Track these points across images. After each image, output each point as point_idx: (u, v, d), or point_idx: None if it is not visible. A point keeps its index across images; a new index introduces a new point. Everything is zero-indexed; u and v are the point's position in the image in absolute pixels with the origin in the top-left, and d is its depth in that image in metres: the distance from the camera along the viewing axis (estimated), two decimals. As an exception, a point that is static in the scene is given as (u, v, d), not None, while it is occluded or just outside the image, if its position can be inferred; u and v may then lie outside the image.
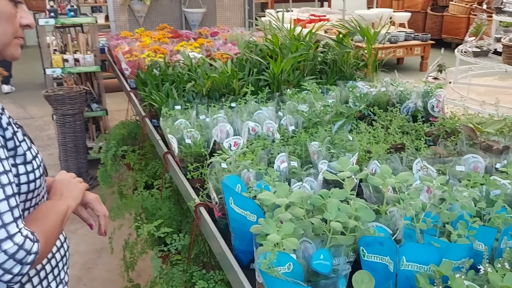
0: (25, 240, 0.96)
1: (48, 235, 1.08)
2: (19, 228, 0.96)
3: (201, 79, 2.70)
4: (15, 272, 0.94)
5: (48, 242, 1.08)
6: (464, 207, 1.26)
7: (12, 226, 0.94)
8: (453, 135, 2.19)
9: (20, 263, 0.95)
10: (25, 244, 0.95)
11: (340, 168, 1.42)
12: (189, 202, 1.88)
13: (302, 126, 2.20)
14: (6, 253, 0.92)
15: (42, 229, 1.07)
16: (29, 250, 0.96)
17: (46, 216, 1.13)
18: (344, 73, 3.05)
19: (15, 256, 0.93)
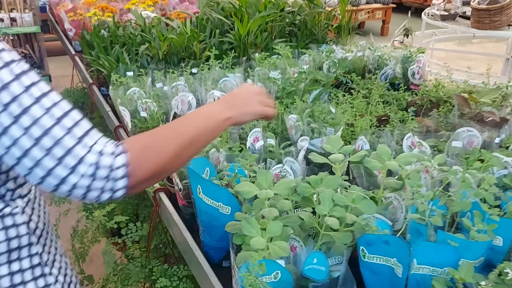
0: (99, 157, 0.80)
1: (151, 144, 0.88)
2: (89, 146, 0.80)
3: (156, 41, 2.35)
4: (108, 188, 0.81)
5: (150, 152, 0.87)
6: (479, 195, 1.06)
7: (78, 148, 0.79)
8: (439, 105, 2.01)
9: (109, 179, 0.80)
10: (101, 162, 0.79)
11: (331, 149, 1.19)
12: (147, 188, 1.60)
13: (275, 96, 1.94)
14: (85, 176, 0.78)
15: (144, 138, 0.90)
16: (111, 165, 0.80)
17: (172, 124, 0.97)
18: (315, 36, 2.79)
19: (97, 176, 0.79)
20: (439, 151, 1.52)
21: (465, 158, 1.44)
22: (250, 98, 1.10)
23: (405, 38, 5.02)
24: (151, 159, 0.86)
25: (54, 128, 0.78)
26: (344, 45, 2.73)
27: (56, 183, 0.79)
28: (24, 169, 0.78)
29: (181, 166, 0.98)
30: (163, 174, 0.92)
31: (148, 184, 0.90)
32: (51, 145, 0.77)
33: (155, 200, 1.59)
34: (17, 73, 0.77)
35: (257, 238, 0.93)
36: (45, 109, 0.78)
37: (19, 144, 0.76)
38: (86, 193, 0.81)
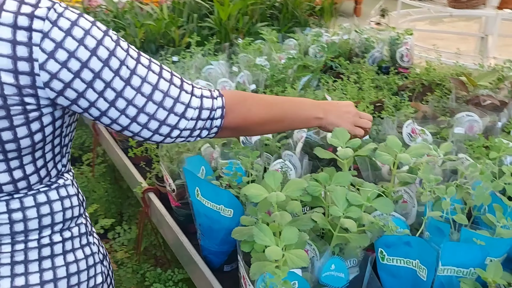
0: (201, 100, 0.90)
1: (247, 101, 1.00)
2: (190, 92, 0.89)
3: (132, 28, 2.20)
4: (208, 126, 0.93)
5: (244, 105, 0.99)
6: (497, 187, 1.01)
7: (182, 96, 0.87)
8: (431, 88, 1.96)
9: (208, 119, 0.92)
10: (203, 104, 0.90)
11: (338, 142, 1.11)
12: (135, 188, 1.49)
13: (264, 84, 1.84)
14: (192, 119, 0.89)
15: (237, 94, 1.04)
16: (211, 107, 0.92)
17: (266, 98, 1.11)
18: (297, 19, 2.69)
19: (200, 117, 0.90)
20: (442, 138, 1.46)
21: (468, 145, 1.39)
22: (345, 113, 1.16)
23: (382, 19, 4.97)
24: (241, 111, 0.98)
25: (159, 83, 0.84)
26: (327, 28, 2.65)
27: (167, 132, 0.87)
28: (136, 128, 0.85)
29: (261, 134, 1.18)
30: (245, 132, 1.09)
31: (229, 133, 1.02)
32: (161, 99, 0.84)
33: (144, 200, 1.49)
34: (115, 39, 0.81)
35: (272, 247, 0.84)
36: (146, 67, 0.83)
37: (134, 103, 0.82)
38: (191, 134, 0.91)
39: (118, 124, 0.84)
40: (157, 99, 0.83)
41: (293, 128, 1.13)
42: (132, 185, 1.63)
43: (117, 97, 0.80)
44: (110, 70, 0.78)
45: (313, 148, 1.52)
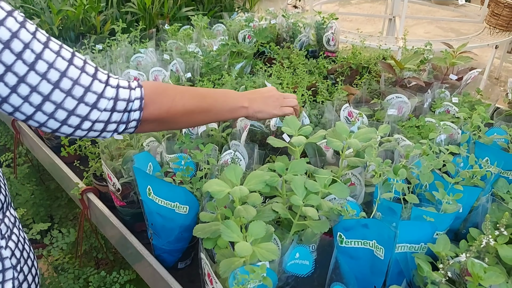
0: (117, 90, 0.84)
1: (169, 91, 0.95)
2: (104, 81, 0.82)
3: (47, 15, 2.02)
4: (125, 120, 0.87)
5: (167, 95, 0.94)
6: (438, 165, 1.09)
7: (95, 84, 0.81)
8: (358, 71, 2.05)
9: (126, 111, 0.86)
10: (119, 95, 0.84)
11: (290, 131, 1.12)
12: (72, 190, 1.38)
13: (199, 73, 1.80)
14: (106, 110, 0.82)
15: (157, 84, 0.95)
16: (128, 98, 0.85)
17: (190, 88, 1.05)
18: (222, 3, 2.65)
19: (116, 108, 0.84)
20: (377, 120, 1.54)
21: (401, 125, 1.48)
22: (269, 98, 1.17)
23: (298, 1, 5.07)
24: (162, 102, 0.92)
25: (69, 69, 0.77)
26: (253, 12, 2.64)
27: (77, 123, 0.80)
28: (42, 118, 0.77)
29: (186, 127, 1.07)
30: (170, 123, 0.98)
31: (152, 126, 0.94)
32: (70, 86, 0.77)
33: (82, 202, 1.39)
34: (21, 21, 0.74)
35: (241, 243, 0.83)
36: (55, 52, 0.76)
37: (39, 90, 0.75)
38: (105, 127, 0.84)
39: (21, 112, 0.77)
40: (65, 87, 0.77)
41: (220, 119, 1.10)
42: (65, 185, 1.52)
43: (19, 83, 0.73)
44: (11, 53, 0.71)
45: (257, 136, 1.53)
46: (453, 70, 1.82)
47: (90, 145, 1.49)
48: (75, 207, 1.84)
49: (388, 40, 4.37)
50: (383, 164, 1.04)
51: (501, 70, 5.15)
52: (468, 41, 3.99)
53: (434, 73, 1.78)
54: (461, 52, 1.81)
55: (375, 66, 1.99)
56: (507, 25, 4.10)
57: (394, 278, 1.00)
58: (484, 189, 1.08)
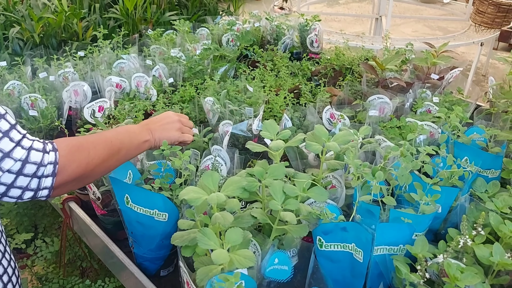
0: (28, 152, 0.77)
1: (83, 144, 0.89)
2: (16, 141, 0.76)
3: (28, 22, 2.00)
4: (33, 187, 0.79)
5: (82, 150, 0.87)
6: (416, 166, 1.09)
7: (3, 142, 0.75)
8: (341, 72, 2.05)
9: (35, 176, 0.78)
10: (30, 158, 0.77)
11: (269, 135, 1.11)
12: (53, 199, 1.37)
13: (182, 77, 1.79)
14: (10, 172, 0.75)
15: (72, 141, 0.88)
16: (40, 162, 0.78)
17: (96, 135, 0.95)
18: (206, 7, 2.64)
19: (23, 172, 0.77)
20: (358, 121, 1.54)
21: (383, 126, 1.49)
22: (168, 125, 1.14)
23: (284, 3, 5.08)
24: (80, 160, 0.86)
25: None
26: (237, 15, 2.64)
27: None
28: None
29: (103, 174, 0.97)
30: (88, 178, 0.92)
31: (71, 186, 0.88)
32: None
33: (64, 211, 1.38)
34: None
35: (218, 250, 0.83)
36: None
37: None
38: (6, 192, 0.77)
39: None
40: None
41: (129, 158, 1.03)
42: (47, 195, 1.51)
43: None
44: None
45: (239, 140, 1.53)
46: (435, 70, 1.83)
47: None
48: (59, 216, 1.82)
49: (375, 40, 4.39)
50: (362, 166, 1.04)
51: (488, 67, 5.19)
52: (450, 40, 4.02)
53: (416, 73, 1.78)
54: (443, 52, 1.82)
55: (358, 67, 2.00)
56: (492, 22, 4.13)
57: (374, 280, 1.00)
58: (462, 189, 1.08)
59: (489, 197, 1.10)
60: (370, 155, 1.31)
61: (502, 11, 4.05)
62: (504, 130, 1.32)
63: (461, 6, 5.30)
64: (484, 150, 1.26)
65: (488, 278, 0.89)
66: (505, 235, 0.93)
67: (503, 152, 1.23)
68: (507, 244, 0.93)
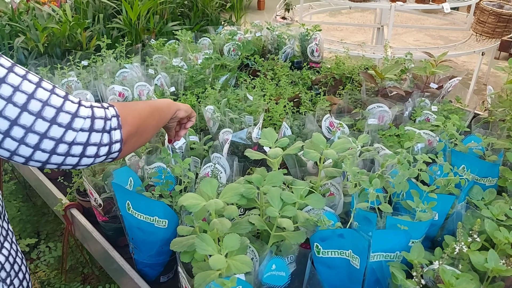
0: (92, 109, 0.79)
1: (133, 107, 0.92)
2: (77, 102, 0.77)
3: (33, 32, 2.04)
4: (106, 142, 0.80)
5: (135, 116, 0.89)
6: (413, 174, 1.10)
7: (68, 105, 0.75)
8: (342, 81, 2.07)
9: (104, 131, 0.79)
10: (95, 113, 0.79)
11: (267, 143, 1.13)
12: (54, 206, 1.39)
13: (183, 86, 1.82)
14: (82, 130, 0.76)
15: (122, 103, 0.89)
16: (105, 116, 0.80)
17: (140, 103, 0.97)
18: (208, 17, 2.68)
19: (94, 128, 0.77)
20: (358, 130, 1.56)
21: (382, 134, 1.50)
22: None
23: (287, 13, 5.12)
24: (133, 112, 0.89)
25: (36, 92, 0.72)
26: (239, 25, 2.67)
27: (52, 147, 0.73)
28: (12, 144, 0.71)
29: (153, 129, 0.99)
30: (144, 132, 0.93)
31: (135, 141, 0.89)
32: (39, 108, 0.71)
33: (66, 218, 1.40)
34: None
35: (216, 256, 0.84)
36: (21, 76, 0.71)
37: (5, 115, 0.69)
38: (84, 151, 0.77)
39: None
40: (34, 109, 0.71)
41: (165, 117, 1.05)
42: (49, 202, 1.53)
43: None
44: None
45: (239, 148, 1.55)
46: (435, 79, 1.84)
47: (74, 160, 1.50)
48: (61, 223, 1.84)
49: (376, 49, 4.42)
50: (359, 174, 1.06)
51: (489, 76, 5.21)
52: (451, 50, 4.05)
53: (415, 82, 1.80)
54: (442, 61, 1.84)
55: (358, 76, 2.02)
56: (493, 32, 4.16)
57: (371, 286, 1.01)
58: (458, 197, 1.09)
59: (485, 204, 1.12)
60: (369, 163, 1.33)
61: (503, 21, 4.07)
62: (501, 139, 1.33)
63: (462, 16, 5.33)
64: (481, 158, 1.27)
65: (483, 285, 0.90)
66: (500, 242, 0.94)
67: (500, 161, 1.25)
68: (502, 251, 0.94)
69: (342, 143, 1.16)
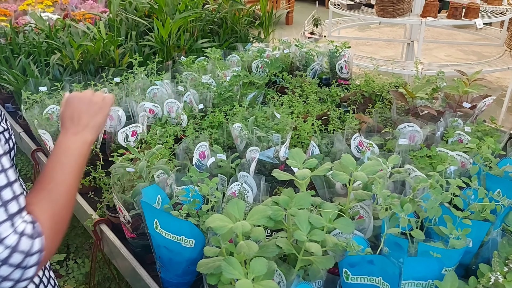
0: (19, 239, 0.73)
1: (58, 211, 0.82)
2: (14, 226, 0.73)
3: (68, 49, 2.10)
4: (16, 278, 0.74)
5: (59, 220, 0.82)
6: (446, 198, 1.07)
7: (4, 226, 0.72)
8: (371, 99, 2.05)
9: (20, 267, 0.73)
10: (19, 245, 0.73)
11: (295, 164, 1.12)
12: (85, 222, 1.41)
13: (211, 103, 1.83)
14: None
15: (48, 206, 0.82)
16: (27, 251, 0.74)
17: (53, 178, 0.87)
18: (237, 34, 2.71)
19: (9, 261, 0.72)
20: (388, 150, 1.53)
21: (413, 155, 1.47)
22: (92, 107, 1.02)
23: (315, 28, 5.13)
24: (62, 229, 0.84)
25: None
26: (267, 42, 2.69)
27: None
28: None
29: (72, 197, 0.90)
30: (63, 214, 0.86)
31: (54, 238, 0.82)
32: None
33: (95, 233, 1.42)
34: None
35: (243, 281, 0.83)
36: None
37: None
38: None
39: None
40: None
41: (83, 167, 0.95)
42: (80, 216, 1.55)
43: None
44: None
45: (266, 166, 1.54)
46: (467, 98, 1.80)
47: (104, 176, 1.53)
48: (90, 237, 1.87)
49: (406, 65, 4.36)
50: (390, 197, 1.03)
51: (525, 93, 5.04)
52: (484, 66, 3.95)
53: (447, 101, 1.76)
54: (475, 79, 1.80)
55: (388, 94, 1.99)
56: (528, 48, 4.04)
57: (401, 315, 0.98)
58: (494, 223, 1.05)
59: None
60: (399, 185, 1.30)
61: (539, 37, 3.95)
62: (539, 162, 1.28)
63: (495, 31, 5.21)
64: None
65: (522, 318, 0.86)
66: (540, 273, 0.89)
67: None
68: (541, 283, 0.90)
69: (372, 165, 1.14)
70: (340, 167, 1.16)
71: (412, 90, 1.70)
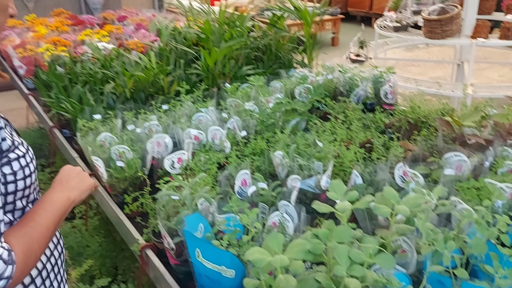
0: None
1: (33, 247, 0.96)
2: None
3: (121, 78, 2.23)
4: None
5: (32, 254, 0.95)
6: (492, 235, 1.03)
7: None
8: (417, 125, 2.01)
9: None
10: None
11: (336, 196, 1.13)
12: (132, 246, 1.47)
13: (254, 130, 1.87)
14: None
15: (25, 240, 0.95)
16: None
17: (35, 219, 1.01)
18: (281, 59, 2.75)
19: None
20: (433, 180, 1.50)
21: (459, 186, 1.43)
22: (79, 177, 1.21)
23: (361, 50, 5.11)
24: (32, 263, 0.95)
25: None
26: (311, 67, 2.71)
27: None
28: None
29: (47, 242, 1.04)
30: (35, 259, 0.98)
31: None
32: None
33: (141, 258, 1.47)
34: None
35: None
36: None
37: None
38: None
39: None
40: None
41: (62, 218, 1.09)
42: (127, 240, 1.62)
43: None
44: None
45: (307, 195, 1.55)
46: (519, 126, 1.73)
47: (151, 202, 1.59)
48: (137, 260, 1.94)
49: (455, 87, 4.24)
50: (433, 233, 1.01)
51: None
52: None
53: (497, 130, 1.70)
54: (527, 106, 1.73)
55: (434, 121, 1.95)
56: None
57: None
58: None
59: None
60: (444, 219, 1.27)
61: None
62: None
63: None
64: None
65: None
66: None
67: None
68: None
69: (415, 198, 1.12)
70: (382, 200, 1.15)
71: (459, 118, 1.66)
